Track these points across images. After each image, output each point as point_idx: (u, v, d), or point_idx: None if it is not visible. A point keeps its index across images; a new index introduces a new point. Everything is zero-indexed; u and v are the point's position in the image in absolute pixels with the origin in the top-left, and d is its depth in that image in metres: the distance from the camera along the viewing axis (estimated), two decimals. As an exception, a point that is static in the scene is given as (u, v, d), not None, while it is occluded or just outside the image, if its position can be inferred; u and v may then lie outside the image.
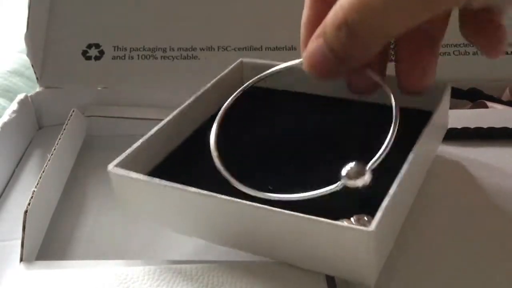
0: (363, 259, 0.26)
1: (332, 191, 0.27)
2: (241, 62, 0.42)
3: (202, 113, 0.38)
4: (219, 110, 0.36)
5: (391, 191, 0.27)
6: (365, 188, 0.26)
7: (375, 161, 0.27)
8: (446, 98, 0.36)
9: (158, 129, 0.34)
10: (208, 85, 0.39)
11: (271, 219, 0.27)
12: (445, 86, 0.36)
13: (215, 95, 0.39)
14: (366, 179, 0.26)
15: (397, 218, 0.30)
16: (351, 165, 0.26)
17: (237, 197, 0.28)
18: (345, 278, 0.28)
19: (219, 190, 0.28)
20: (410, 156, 0.29)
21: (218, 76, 0.40)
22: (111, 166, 0.30)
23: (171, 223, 0.31)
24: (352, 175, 0.26)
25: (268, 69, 0.37)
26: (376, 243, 0.25)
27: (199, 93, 0.38)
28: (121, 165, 0.31)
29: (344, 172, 0.26)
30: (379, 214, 0.25)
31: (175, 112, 0.36)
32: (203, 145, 0.33)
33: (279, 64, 0.37)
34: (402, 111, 0.30)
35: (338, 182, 0.27)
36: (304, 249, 0.27)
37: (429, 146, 0.35)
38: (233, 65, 0.41)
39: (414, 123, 0.32)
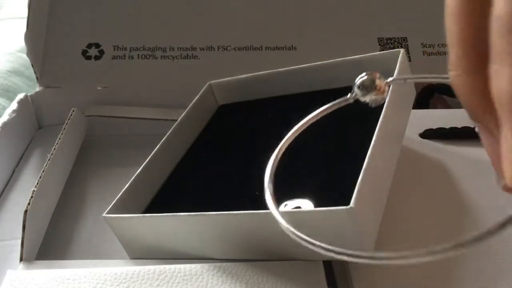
0: (351, 236, 0.26)
1: (342, 104, 0.25)
2: (210, 85, 0.43)
3: (184, 140, 0.40)
4: (199, 137, 0.38)
5: (364, 165, 0.27)
6: (376, 104, 0.23)
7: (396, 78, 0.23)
8: (403, 64, 0.36)
9: (144, 167, 0.35)
10: (183, 114, 0.40)
11: (259, 221, 0.28)
12: (398, 52, 0.36)
13: (194, 121, 0.41)
14: (380, 92, 0.22)
15: (376, 193, 0.30)
16: (363, 76, 0.23)
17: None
18: (342, 260, 0.28)
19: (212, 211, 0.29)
20: (378, 127, 0.29)
21: (191, 104, 0.41)
22: (104, 213, 0.32)
23: (172, 251, 0.32)
24: (366, 86, 0.23)
25: (238, 85, 0.39)
26: (358, 218, 0.25)
27: (177, 123, 0.39)
28: (114, 209, 0.32)
29: (358, 82, 0.23)
30: (356, 190, 0.26)
31: (159, 145, 0.37)
32: (189, 174, 0.35)
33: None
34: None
35: (349, 94, 0.24)
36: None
37: (397, 115, 0.35)
38: (202, 89, 0.43)
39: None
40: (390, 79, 0.22)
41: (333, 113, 0.38)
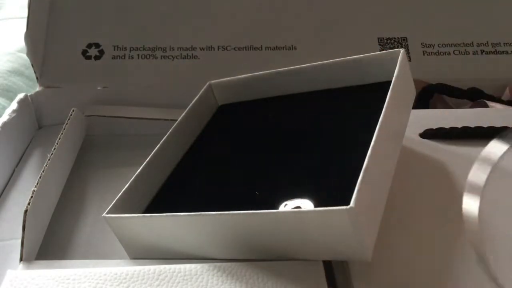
0: (351, 236, 0.26)
1: None
2: (210, 85, 0.43)
3: (184, 140, 0.40)
4: (199, 137, 0.39)
5: (364, 165, 0.27)
6: None
7: None
8: (402, 64, 0.36)
9: (144, 167, 0.35)
10: (183, 114, 0.40)
11: (259, 221, 0.28)
12: (398, 52, 0.36)
13: (194, 121, 0.41)
14: None
15: (376, 193, 0.30)
16: None
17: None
18: (341, 259, 0.28)
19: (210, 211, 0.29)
20: (378, 127, 0.30)
21: (191, 104, 0.41)
22: (104, 213, 0.32)
23: (172, 251, 0.32)
24: None
25: (238, 85, 0.40)
26: (358, 218, 0.25)
27: (177, 123, 0.39)
28: (114, 209, 0.32)
29: None
30: (356, 190, 0.26)
31: (159, 145, 0.37)
32: (189, 174, 0.35)
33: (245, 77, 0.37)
34: (364, 86, 0.30)
35: None
36: (298, 241, 0.28)
37: (397, 114, 0.35)
38: (202, 89, 0.43)
39: (378, 94, 0.33)
40: None
41: (333, 113, 0.38)
